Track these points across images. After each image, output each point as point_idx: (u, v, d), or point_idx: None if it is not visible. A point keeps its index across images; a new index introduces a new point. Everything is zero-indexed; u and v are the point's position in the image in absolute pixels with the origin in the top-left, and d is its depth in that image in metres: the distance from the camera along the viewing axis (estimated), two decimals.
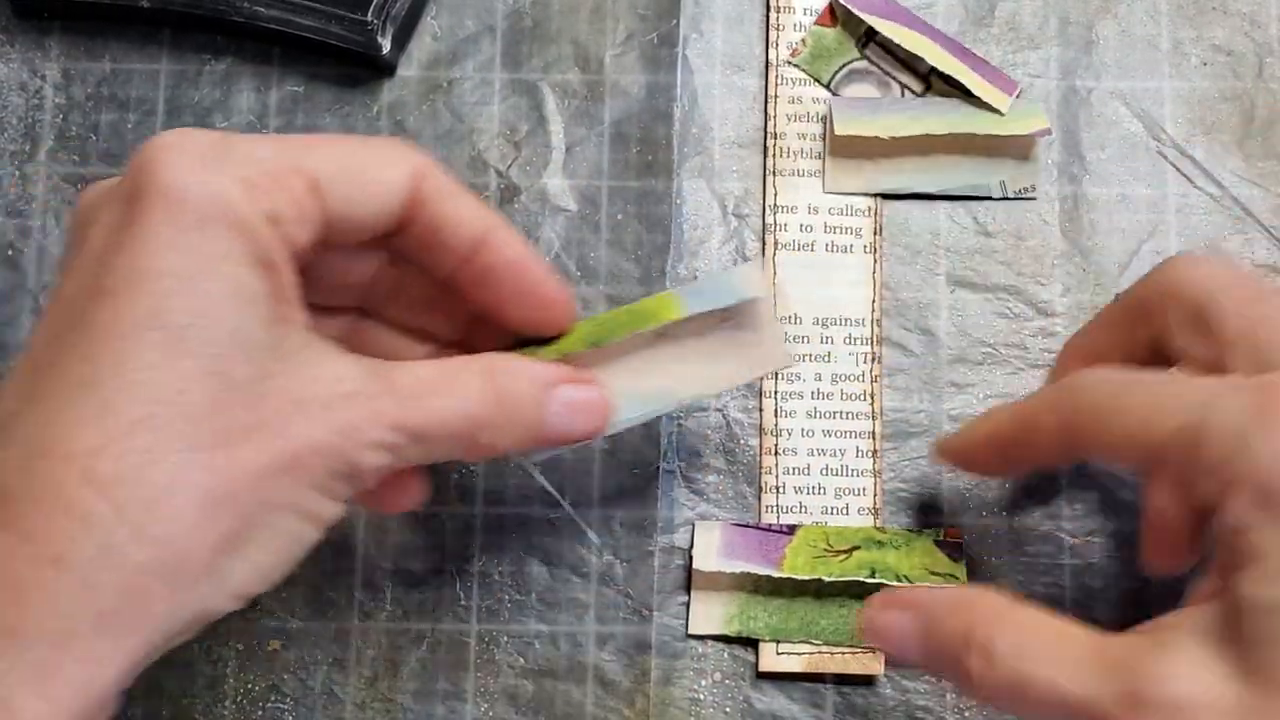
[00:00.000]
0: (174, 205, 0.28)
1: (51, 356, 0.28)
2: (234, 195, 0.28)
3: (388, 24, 0.42)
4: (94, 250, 0.29)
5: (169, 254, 0.28)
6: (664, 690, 0.39)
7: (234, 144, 0.29)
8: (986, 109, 0.42)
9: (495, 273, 0.33)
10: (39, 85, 0.43)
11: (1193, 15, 0.44)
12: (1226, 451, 0.30)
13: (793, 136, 0.43)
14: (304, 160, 0.30)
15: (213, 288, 0.28)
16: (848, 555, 0.40)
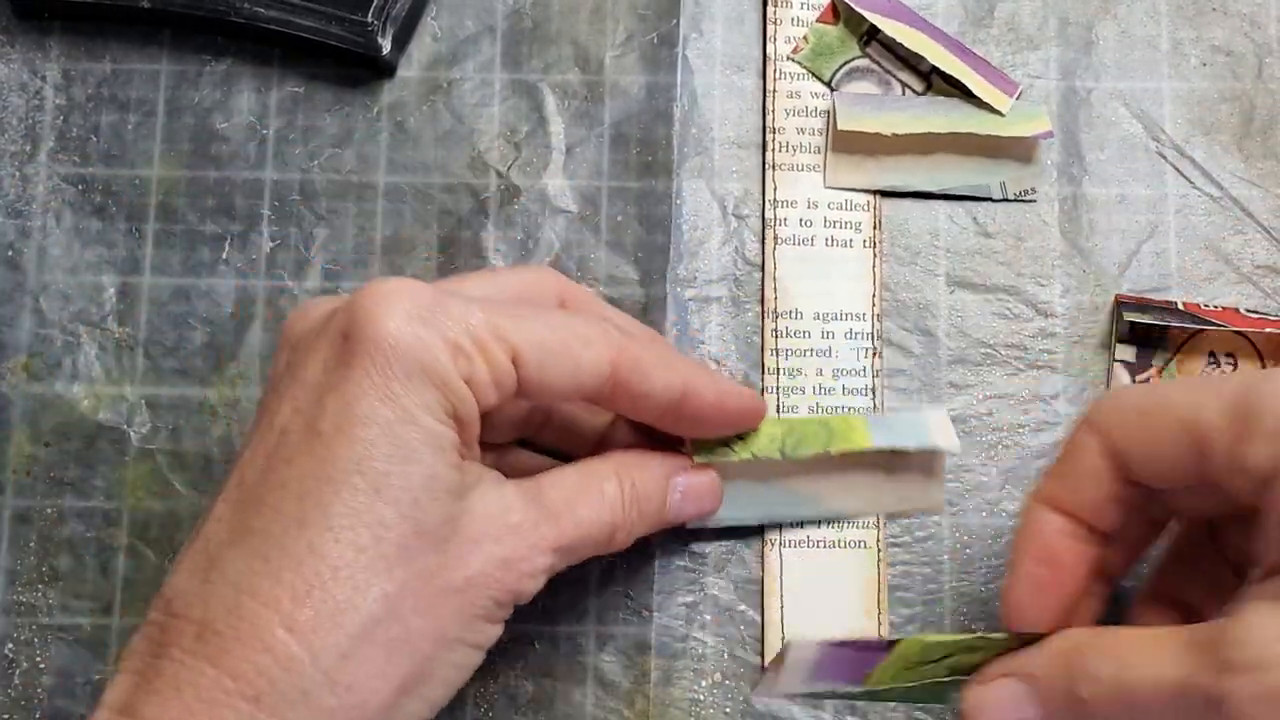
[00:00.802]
0: (386, 357, 0.30)
1: (263, 492, 0.30)
2: (441, 356, 0.31)
3: (388, 25, 0.42)
4: (309, 383, 0.31)
5: (376, 403, 0.30)
6: (664, 691, 0.39)
7: (448, 305, 0.31)
8: (988, 109, 0.42)
9: (697, 419, 0.36)
10: (39, 86, 0.43)
11: (1192, 16, 0.44)
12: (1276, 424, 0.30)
13: (792, 131, 0.43)
14: (510, 333, 0.32)
15: (412, 436, 0.30)
16: (938, 664, 0.35)
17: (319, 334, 0.32)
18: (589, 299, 0.37)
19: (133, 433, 0.41)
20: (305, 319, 0.33)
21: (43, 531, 0.40)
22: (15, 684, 0.39)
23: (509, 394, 0.32)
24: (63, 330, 0.42)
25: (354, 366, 0.30)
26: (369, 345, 0.30)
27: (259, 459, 0.31)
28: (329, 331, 0.31)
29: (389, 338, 0.30)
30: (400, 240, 0.42)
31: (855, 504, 0.40)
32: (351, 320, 0.31)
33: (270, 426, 0.31)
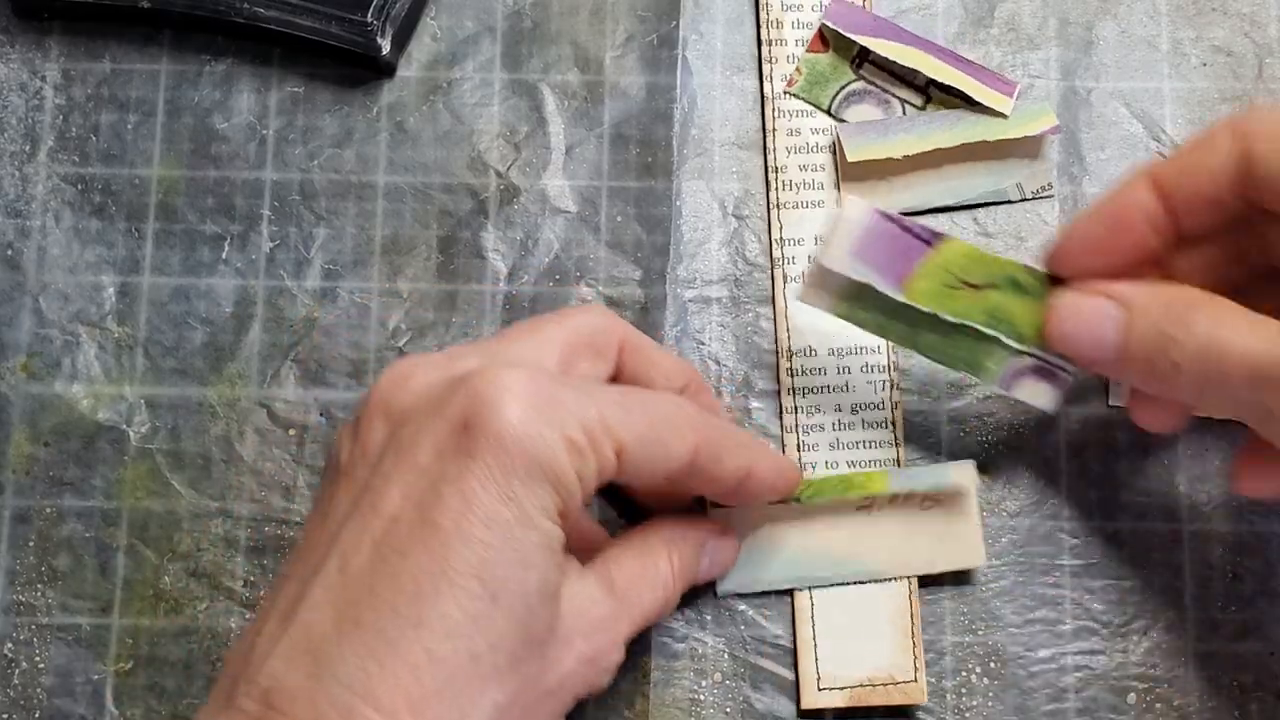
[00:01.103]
0: (510, 455, 0.29)
1: (374, 583, 0.29)
2: (560, 456, 0.30)
3: (387, 25, 0.42)
4: (422, 468, 0.30)
5: (498, 504, 0.29)
6: (664, 691, 0.39)
7: (565, 398, 0.31)
8: (990, 114, 0.42)
9: (751, 495, 0.36)
10: (39, 86, 0.43)
11: (1192, 16, 0.44)
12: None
13: (794, 169, 0.42)
14: (618, 428, 0.31)
15: (528, 540, 0.30)
16: (978, 292, 0.36)
17: (432, 414, 0.30)
18: (644, 343, 0.36)
19: (132, 432, 0.41)
20: (407, 390, 0.32)
21: (42, 531, 0.40)
22: (14, 684, 0.39)
23: (606, 482, 0.32)
24: (62, 330, 0.42)
25: (476, 459, 0.29)
26: (492, 440, 0.29)
27: (365, 545, 0.29)
28: (446, 416, 0.30)
29: (512, 434, 0.29)
30: (400, 240, 0.42)
31: (892, 563, 0.39)
32: (472, 409, 0.30)
33: (375, 510, 0.30)
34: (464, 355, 0.33)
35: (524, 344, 0.34)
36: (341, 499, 0.31)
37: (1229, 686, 0.39)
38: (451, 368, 0.32)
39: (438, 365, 0.32)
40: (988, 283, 0.36)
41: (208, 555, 0.40)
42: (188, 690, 0.39)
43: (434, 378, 0.32)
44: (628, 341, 0.36)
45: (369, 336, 0.42)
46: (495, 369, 0.30)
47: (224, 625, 0.40)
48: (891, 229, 0.36)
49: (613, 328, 0.36)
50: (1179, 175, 0.34)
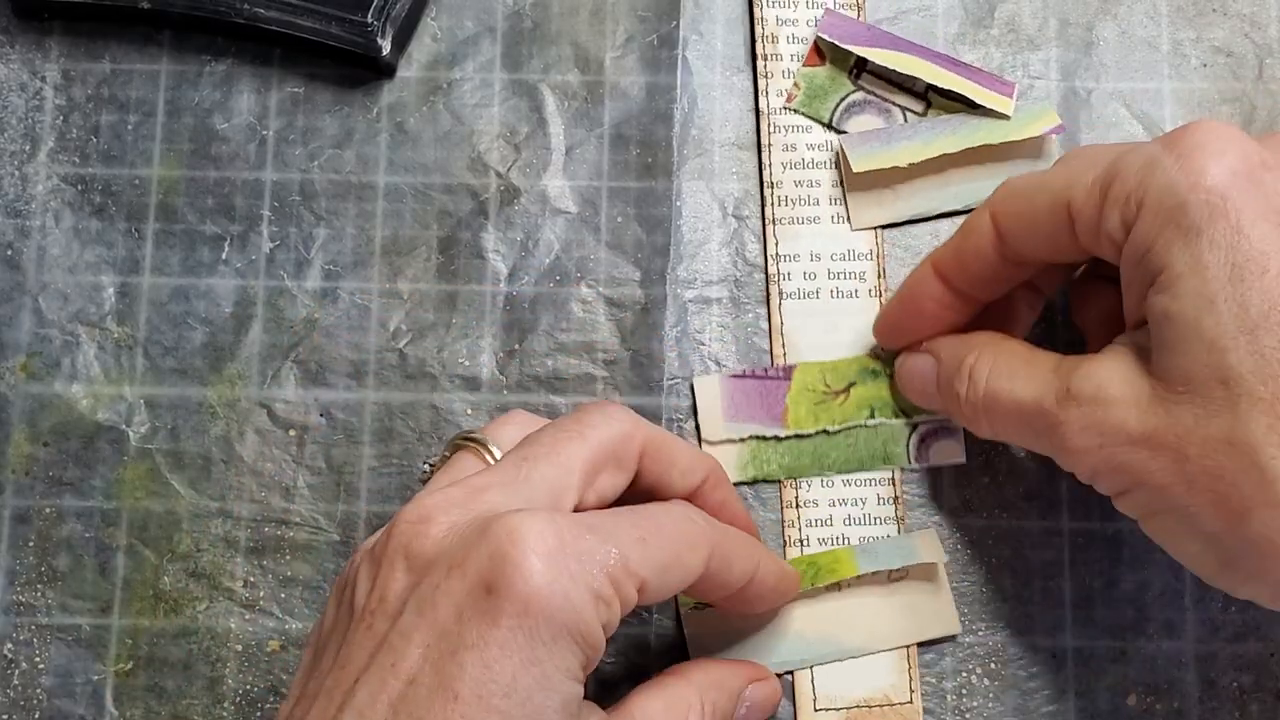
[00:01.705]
0: (535, 620, 0.29)
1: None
2: (587, 612, 0.30)
3: (388, 25, 0.42)
4: (443, 629, 0.29)
5: (519, 670, 0.29)
6: None
7: (587, 548, 0.30)
8: (993, 115, 0.42)
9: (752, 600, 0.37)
10: (39, 86, 0.43)
11: (1192, 16, 0.44)
12: (1136, 178, 0.33)
13: (790, 185, 0.42)
14: (639, 567, 0.31)
15: (548, 704, 0.29)
16: (846, 395, 0.40)
17: (452, 569, 0.30)
18: (665, 443, 0.36)
19: (131, 432, 0.41)
20: (428, 537, 0.31)
21: (42, 531, 0.40)
22: (14, 684, 0.39)
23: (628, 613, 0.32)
24: (62, 330, 0.42)
25: (499, 625, 0.29)
26: (517, 605, 0.29)
27: (382, 706, 0.29)
28: (466, 573, 0.29)
29: (537, 597, 0.29)
30: (400, 241, 0.42)
31: (871, 639, 0.39)
32: (495, 568, 0.29)
33: (394, 670, 0.29)
34: (485, 489, 0.32)
35: (548, 468, 0.33)
36: (358, 647, 0.30)
37: (1229, 687, 0.39)
38: (473, 506, 0.31)
39: (459, 505, 0.31)
40: (849, 383, 0.40)
41: (207, 556, 0.40)
42: (187, 691, 0.39)
43: (456, 520, 0.31)
44: (649, 445, 0.35)
45: (369, 337, 0.42)
46: (516, 520, 0.30)
47: (223, 626, 0.40)
48: (747, 383, 0.40)
49: (634, 434, 0.34)
50: (954, 262, 0.38)
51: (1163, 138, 0.33)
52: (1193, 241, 0.31)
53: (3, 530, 0.40)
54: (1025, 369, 0.36)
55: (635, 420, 0.35)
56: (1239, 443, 0.31)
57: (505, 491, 0.32)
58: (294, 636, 0.40)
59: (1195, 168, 0.32)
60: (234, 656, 0.40)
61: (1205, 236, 0.31)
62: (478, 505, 0.31)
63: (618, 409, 0.35)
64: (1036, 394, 0.35)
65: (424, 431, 0.41)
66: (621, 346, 0.42)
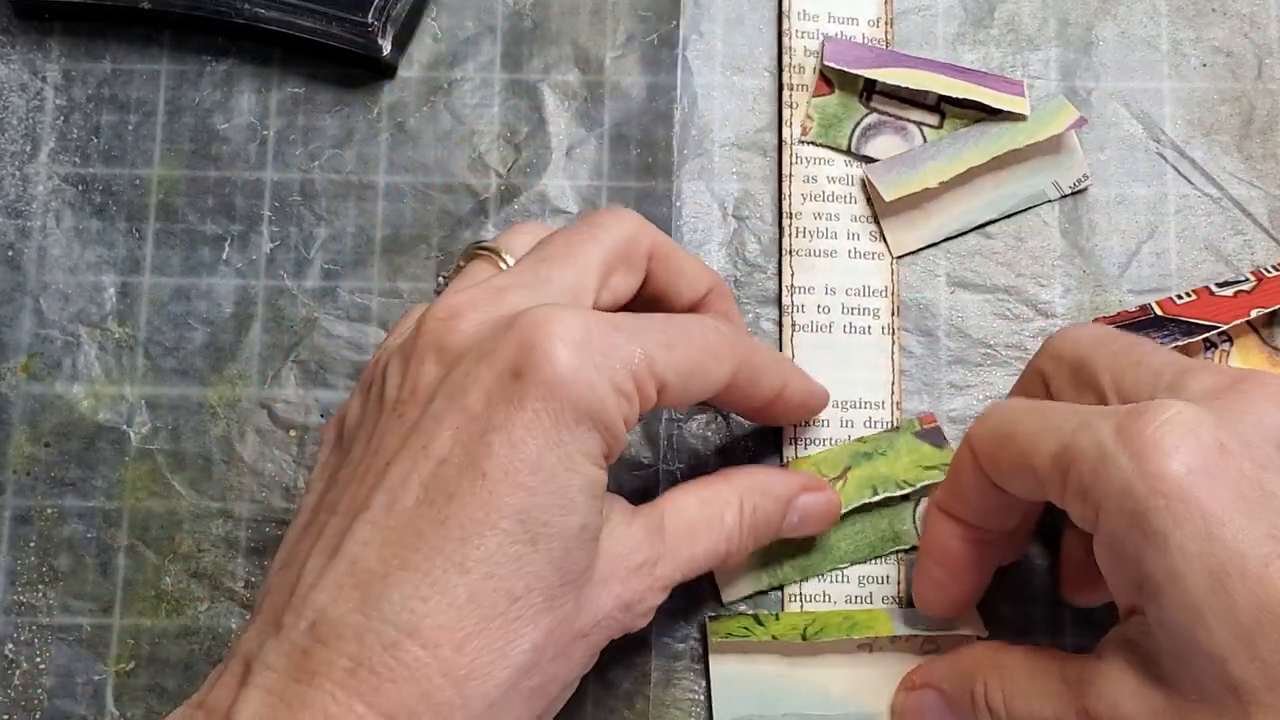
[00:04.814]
0: (559, 403, 0.30)
1: (422, 526, 0.30)
2: (609, 402, 0.31)
3: (388, 25, 0.42)
4: (472, 413, 0.30)
5: (545, 450, 0.30)
6: (664, 692, 0.39)
7: (610, 343, 0.31)
8: (1010, 118, 0.42)
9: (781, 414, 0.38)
10: (40, 86, 0.43)
11: (1192, 16, 0.44)
12: (1094, 475, 0.31)
13: (809, 216, 0.42)
14: (662, 368, 0.32)
15: (572, 484, 0.30)
16: (844, 480, 0.40)
17: (482, 358, 0.31)
18: (671, 249, 0.37)
19: (132, 433, 0.41)
20: (458, 331, 0.32)
21: (43, 532, 0.40)
22: (15, 684, 0.39)
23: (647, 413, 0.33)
24: (62, 330, 0.42)
25: (525, 408, 0.30)
26: (543, 388, 0.30)
27: (413, 485, 0.30)
28: (495, 361, 0.30)
29: (562, 383, 0.30)
30: (400, 240, 0.42)
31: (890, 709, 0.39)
32: (523, 355, 0.30)
33: (426, 451, 0.30)
34: (509, 289, 0.33)
35: (565, 269, 0.34)
36: (391, 434, 0.32)
37: None
38: (500, 304, 0.32)
39: (486, 301, 0.32)
40: (844, 467, 0.40)
41: (208, 556, 0.40)
42: (189, 691, 0.39)
43: (485, 317, 0.32)
44: (657, 248, 0.36)
45: (369, 337, 0.42)
46: (545, 312, 0.31)
47: (225, 626, 0.40)
48: None
49: (642, 235, 0.36)
50: (955, 499, 0.36)
51: (1116, 420, 0.31)
52: (1164, 550, 0.30)
53: (4, 530, 0.40)
54: (1035, 684, 0.34)
55: (643, 222, 0.36)
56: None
57: (527, 291, 0.33)
58: None
59: (1151, 470, 0.30)
60: None
61: (1174, 544, 0.29)
62: (503, 303, 0.32)
63: (626, 212, 0.36)
64: (1056, 713, 0.33)
65: None
66: None
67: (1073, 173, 0.42)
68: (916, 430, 0.40)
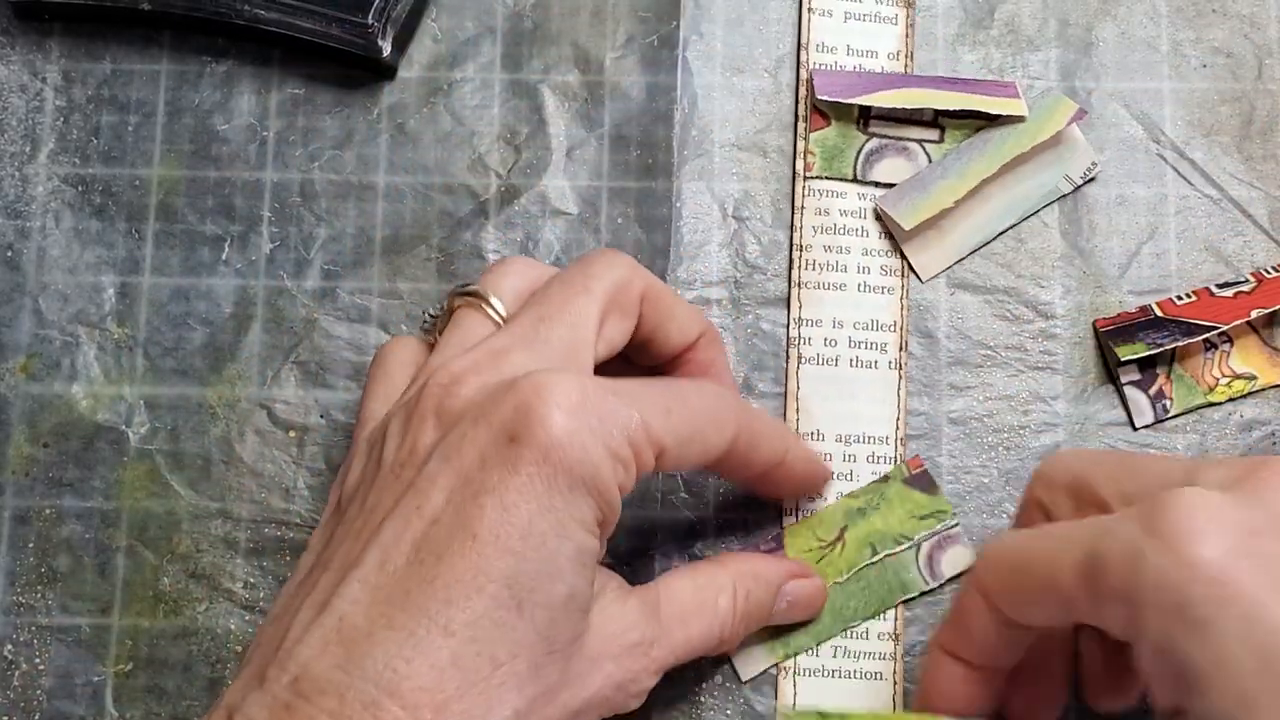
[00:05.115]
0: (553, 468, 0.30)
1: (410, 586, 0.30)
2: (604, 469, 0.31)
3: (388, 26, 0.42)
4: (465, 474, 0.30)
5: (536, 516, 0.30)
6: (664, 692, 0.39)
7: (610, 408, 0.31)
8: (1008, 121, 0.42)
9: (780, 485, 0.38)
10: (39, 87, 0.43)
11: (1192, 17, 0.44)
12: (1127, 574, 0.30)
13: (819, 249, 0.42)
14: (660, 434, 0.32)
15: (562, 553, 0.30)
16: (842, 541, 0.40)
17: (479, 419, 0.31)
18: (663, 293, 0.37)
19: (131, 433, 0.41)
20: (458, 396, 0.32)
21: (41, 532, 0.40)
22: (14, 685, 0.39)
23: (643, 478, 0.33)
24: (62, 331, 0.42)
25: (519, 472, 0.30)
26: (536, 452, 0.30)
27: (405, 544, 0.30)
28: (492, 423, 0.31)
29: (557, 448, 0.30)
30: (400, 241, 0.42)
31: None
32: (520, 420, 0.30)
33: (419, 511, 0.30)
34: (509, 351, 0.33)
35: (562, 327, 0.34)
36: (386, 493, 0.32)
37: None
38: (501, 368, 0.33)
39: (487, 366, 0.33)
40: (839, 528, 0.40)
41: (207, 557, 0.40)
42: (187, 691, 0.39)
43: (486, 381, 0.32)
44: (648, 292, 0.36)
45: (369, 338, 0.42)
46: (543, 377, 0.31)
47: (223, 626, 0.40)
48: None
49: (635, 280, 0.36)
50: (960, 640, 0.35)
51: (1139, 516, 0.30)
52: (1208, 638, 0.29)
53: (3, 531, 0.40)
54: None
55: (634, 265, 0.36)
56: None
57: (527, 353, 0.33)
58: None
59: (1186, 557, 0.29)
60: (234, 658, 0.40)
61: (1218, 630, 0.29)
62: (504, 367, 0.33)
63: (618, 256, 0.36)
64: None
65: None
66: None
67: (1081, 163, 0.42)
68: (905, 478, 0.40)
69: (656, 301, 0.36)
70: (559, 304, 0.34)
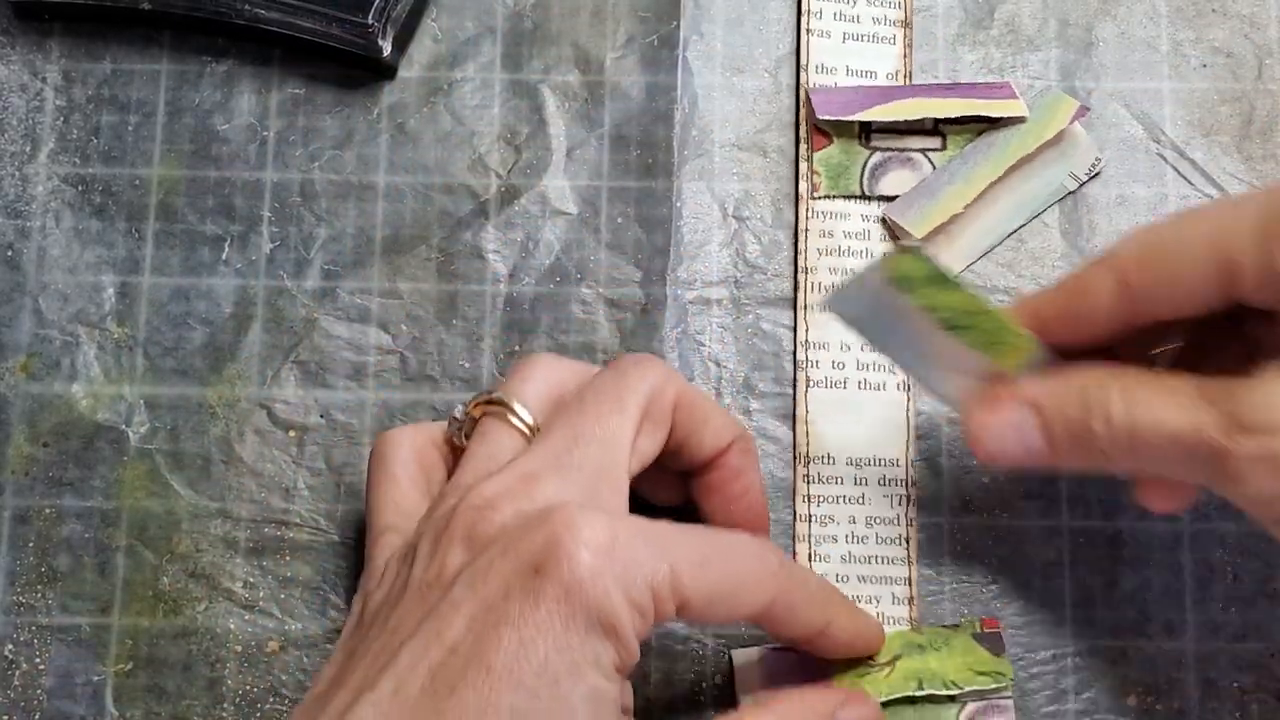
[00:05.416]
0: (573, 607, 0.30)
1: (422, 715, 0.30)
2: (623, 615, 0.30)
3: (388, 26, 0.42)
4: (488, 602, 0.30)
5: (553, 652, 0.30)
6: (664, 692, 0.39)
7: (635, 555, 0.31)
8: (1009, 123, 0.42)
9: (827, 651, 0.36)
10: (39, 87, 0.43)
11: (1192, 17, 0.44)
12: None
13: (824, 271, 0.42)
14: (688, 587, 0.31)
15: (575, 692, 0.30)
16: (891, 667, 0.38)
17: (507, 549, 0.31)
18: (696, 400, 0.36)
19: (131, 433, 0.41)
20: (490, 522, 0.32)
21: (41, 532, 0.40)
22: (15, 685, 0.39)
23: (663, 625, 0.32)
24: (62, 330, 0.42)
25: (539, 607, 0.30)
26: (559, 589, 0.30)
27: (422, 671, 0.30)
28: (520, 554, 0.30)
29: (579, 586, 0.30)
30: (400, 241, 0.42)
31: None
32: (546, 552, 0.30)
33: (439, 637, 0.30)
34: (542, 477, 0.33)
35: (596, 449, 0.33)
36: (409, 614, 0.32)
37: (1229, 687, 0.39)
38: (534, 495, 0.32)
39: (521, 492, 0.32)
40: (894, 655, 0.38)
41: (207, 556, 0.40)
42: (187, 691, 0.39)
43: (520, 508, 0.32)
44: (681, 399, 0.35)
45: (369, 338, 0.42)
46: (575, 513, 0.31)
47: (223, 626, 0.40)
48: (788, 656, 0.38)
49: (667, 389, 0.35)
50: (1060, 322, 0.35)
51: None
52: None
53: (3, 531, 0.40)
54: (1167, 394, 0.31)
55: (669, 372, 0.35)
56: None
57: (560, 479, 0.33)
58: (293, 637, 0.40)
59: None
60: (234, 657, 0.40)
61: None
62: (537, 494, 0.32)
63: (651, 362, 0.35)
64: (1195, 423, 0.31)
65: None
66: (621, 347, 0.42)
67: (1086, 159, 0.42)
68: (976, 632, 0.39)
69: (690, 409, 0.36)
70: (592, 421, 0.34)
